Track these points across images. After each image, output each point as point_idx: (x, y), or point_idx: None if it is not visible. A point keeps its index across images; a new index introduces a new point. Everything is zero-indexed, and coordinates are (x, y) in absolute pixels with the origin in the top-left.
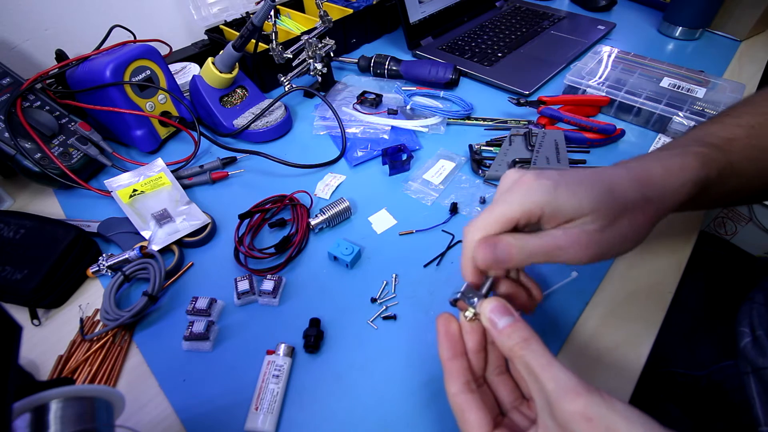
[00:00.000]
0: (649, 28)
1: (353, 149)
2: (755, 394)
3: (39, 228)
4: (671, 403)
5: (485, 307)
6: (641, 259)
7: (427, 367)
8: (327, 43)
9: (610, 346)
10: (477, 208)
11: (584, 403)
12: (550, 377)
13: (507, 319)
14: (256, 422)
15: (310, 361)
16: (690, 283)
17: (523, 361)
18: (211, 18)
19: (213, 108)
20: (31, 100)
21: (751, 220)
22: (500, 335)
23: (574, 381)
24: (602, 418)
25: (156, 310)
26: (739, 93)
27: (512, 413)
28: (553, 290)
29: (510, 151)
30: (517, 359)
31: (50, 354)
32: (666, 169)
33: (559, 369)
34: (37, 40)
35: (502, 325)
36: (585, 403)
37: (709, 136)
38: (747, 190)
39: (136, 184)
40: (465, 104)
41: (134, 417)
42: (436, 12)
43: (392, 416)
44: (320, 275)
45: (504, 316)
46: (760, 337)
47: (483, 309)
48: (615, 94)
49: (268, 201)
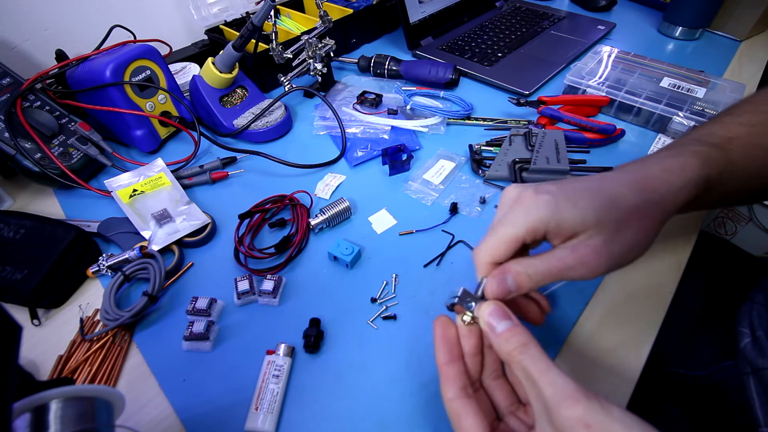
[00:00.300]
0: (649, 28)
1: (353, 149)
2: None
3: (39, 228)
4: (671, 404)
5: (483, 311)
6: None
7: (426, 367)
8: (327, 43)
9: (609, 346)
10: (477, 208)
11: (583, 409)
12: (548, 382)
13: (505, 323)
14: (256, 422)
15: (310, 361)
16: (690, 283)
17: (521, 366)
18: (211, 18)
19: (213, 108)
20: (31, 100)
21: (751, 220)
22: (498, 339)
23: (573, 386)
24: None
25: (156, 310)
26: (739, 93)
27: (508, 418)
28: (553, 290)
29: (510, 151)
30: (515, 364)
31: (50, 354)
32: (667, 171)
33: (557, 374)
34: (37, 40)
35: (500, 329)
36: (584, 410)
37: (709, 135)
38: (747, 189)
39: (136, 184)
40: (465, 104)
41: (134, 417)
42: (436, 12)
43: (392, 416)
44: (320, 275)
45: (502, 320)
46: (760, 338)
47: (481, 313)
48: (615, 94)
49: (268, 201)
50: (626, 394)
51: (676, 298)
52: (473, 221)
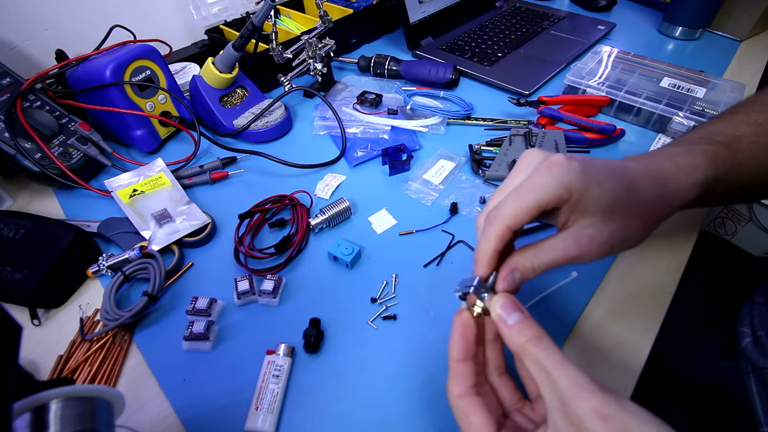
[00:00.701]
0: (649, 28)
1: (353, 149)
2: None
3: (39, 228)
4: (671, 404)
5: (495, 303)
6: (641, 259)
7: (427, 367)
8: (327, 43)
9: (610, 345)
10: (477, 208)
11: (600, 400)
12: (563, 375)
13: (517, 315)
14: (256, 422)
15: (310, 361)
16: (690, 284)
17: (534, 358)
18: (211, 18)
19: (213, 108)
20: (31, 100)
21: (751, 220)
22: (511, 331)
23: (588, 379)
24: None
25: (156, 310)
26: (739, 93)
27: (515, 415)
28: (553, 290)
29: (510, 151)
30: (527, 356)
31: (50, 354)
32: (678, 169)
33: (572, 367)
34: (37, 40)
35: (512, 322)
36: (600, 401)
37: (717, 134)
38: (749, 187)
39: (136, 184)
40: (465, 104)
41: (134, 417)
42: (436, 12)
43: (392, 416)
44: (320, 275)
45: (514, 312)
46: (760, 338)
47: (492, 305)
48: (615, 94)
49: (268, 201)
50: (626, 393)
51: (676, 297)
52: (473, 221)
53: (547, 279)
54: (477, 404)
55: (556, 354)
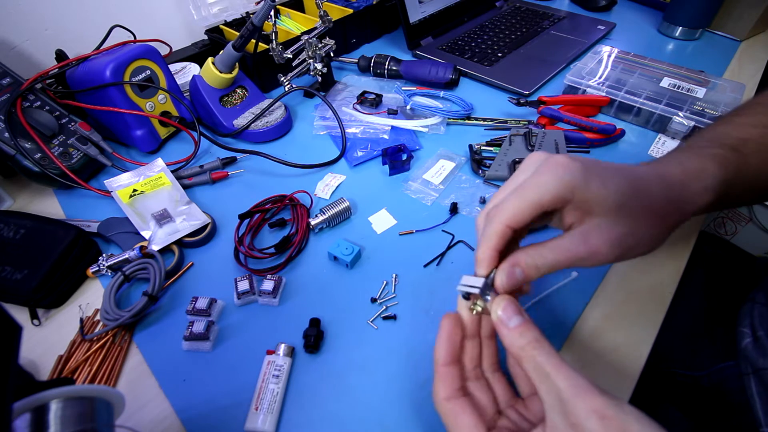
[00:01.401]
0: (649, 28)
1: (353, 149)
2: (756, 395)
3: (39, 228)
4: (671, 404)
5: (496, 305)
6: (641, 259)
7: (427, 366)
8: (327, 43)
9: (610, 346)
10: (477, 208)
11: (599, 401)
12: (563, 376)
13: (518, 319)
14: (256, 422)
15: (310, 361)
16: (690, 283)
17: (534, 360)
18: (211, 18)
19: (213, 108)
20: (31, 100)
21: (751, 220)
22: (512, 333)
23: (587, 381)
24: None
25: (156, 310)
26: (739, 93)
27: (509, 411)
28: (553, 290)
29: (510, 151)
30: (527, 358)
31: (50, 354)
32: (687, 173)
33: (570, 370)
34: (37, 40)
35: (513, 324)
36: (600, 402)
37: (723, 137)
38: (759, 189)
39: (136, 184)
40: (465, 104)
41: (134, 417)
42: (436, 12)
43: (392, 416)
44: (320, 275)
45: (515, 315)
46: (761, 338)
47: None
48: (615, 94)
49: (268, 201)
50: (626, 393)
51: (676, 297)
52: (473, 221)
53: (546, 279)
54: (465, 405)
55: (556, 357)
